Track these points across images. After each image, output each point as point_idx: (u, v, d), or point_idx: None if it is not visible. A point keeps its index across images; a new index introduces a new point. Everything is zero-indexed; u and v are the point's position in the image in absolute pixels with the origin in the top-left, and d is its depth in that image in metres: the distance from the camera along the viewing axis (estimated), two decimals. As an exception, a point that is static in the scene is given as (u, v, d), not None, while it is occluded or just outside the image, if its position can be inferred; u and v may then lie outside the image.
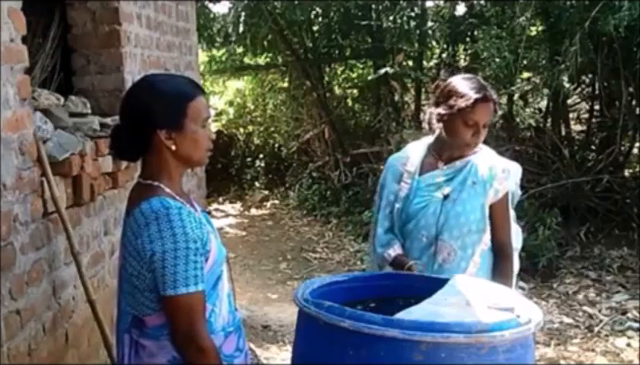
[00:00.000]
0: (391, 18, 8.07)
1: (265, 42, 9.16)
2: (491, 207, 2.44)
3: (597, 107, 6.98)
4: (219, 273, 1.85)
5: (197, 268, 1.72)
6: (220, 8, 9.36)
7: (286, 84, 10.05)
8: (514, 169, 2.54)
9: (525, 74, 6.85)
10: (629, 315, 4.78)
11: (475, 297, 1.95)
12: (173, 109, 1.78)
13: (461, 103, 2.35)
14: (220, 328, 1.84)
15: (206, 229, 1.80)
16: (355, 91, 9.75)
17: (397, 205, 2.50)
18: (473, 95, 2.35)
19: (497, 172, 2.44)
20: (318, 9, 8.61)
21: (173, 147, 1.78)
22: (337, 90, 9.85)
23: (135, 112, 1.80)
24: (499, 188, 2.44)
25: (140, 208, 1.73)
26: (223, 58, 10.03)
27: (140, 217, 1.72)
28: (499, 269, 2.45)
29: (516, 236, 2.59)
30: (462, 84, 2.42)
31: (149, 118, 1.77)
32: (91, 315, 2.69)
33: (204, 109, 1.83)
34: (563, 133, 7.23)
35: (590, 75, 6.80)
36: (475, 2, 7.51)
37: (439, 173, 2.46)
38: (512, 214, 2.55)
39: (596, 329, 4.61)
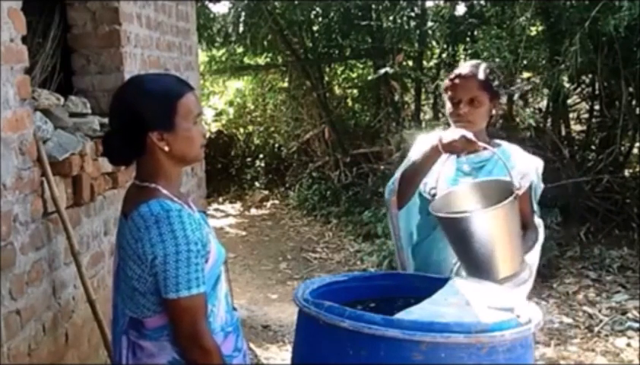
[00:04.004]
0: (391, 18, 8.06)
1: (265, 42, 9.16)
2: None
3: (597, 107, 6.98)
4: (218, 273, 1.85)
5: (198, 270, 1.71)
6: (220, 8, 9.38)
7: (286, 84, 10.05)
8: (537, 164, 2.54)
9: (525, 74, 6.85)
10: (629, 315, 4.78)
11: (475, 297, 1.95)
12: (163, 110, 1.75)
13: (446, 81, 2.47)
14: (219, 328, 1.84)
15: (205, 230, 1.79)
16: (355, 91, 9.75)
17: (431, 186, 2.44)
18: (454, 72, 2.44)
19: (519, 167, 2.43)
20: (318, 9, 8.60)
21: (166, 148, 1.75)
22: (337, 90, 9.85)
23: (124, 116, 1.78)
24: (522, 183, 2.43)
25: (139, 211, 1.71)
26: (223, 58, 10.02)
27: (140, 221, 1.71)
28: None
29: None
30: (459, 66, 2.50)
31: (139, 120, 1.74)
32: (91, 315, 2.69)
33: (194, 106, 1.80)
34: (563, 133, 7.24)
35: (590, 75, 6.79)
36: (475, 2, 7.50)
37: (467, 160, 2.44)
38: (536, 207, 2.55)
39: (596, 329, 4.61)
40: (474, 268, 2.18)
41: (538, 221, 2.54)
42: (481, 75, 2.39)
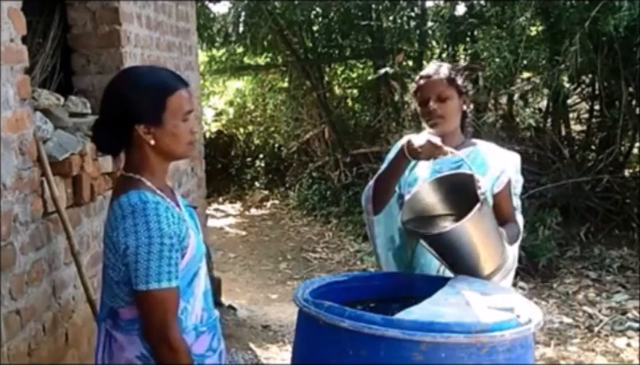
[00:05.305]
0: (391, 18, 8.07)
1: (265, 42, 9.17)
2: (494, 197, 2.42)
3: (597, 107, 6.99)
4: (196, 269, 1.83)
5: (171, 264, 1.70)
6: (220, 8, 9.39)
7: (286, 84, 10.06)
8: (514, 159, 2.54)
9: (525, 74, 6.85)
10: (629, 315, 4.79)
11: (475, 297, 1.95)
12: (152, 104, 1.74)
13: (412, 85, 2.52)
14: (192, 326, 1.82)
15: (185, 225, 1.78)
16: (355, 91, 9.76)
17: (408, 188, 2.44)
18: (419, 74, 2.49)
19: (495, 165, 2.42)
20: (318, 9, 8.61)
21: (152, 142, 1.75)
22: (337, 90, 9.86)
23: (113, 106, 1.78)
24: (501, 179, 2.42)
25: (119, 201, 1.72)
26: (223, 58, 10.03)
27: (118, 210, 1.72)
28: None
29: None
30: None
31: (127, 112, 1.74)
32: (91, 315, 2.69)
33: (185, 103, 1.79)
34: (563, 133, 7.24)
35: (590, 75, 6.80)
36: (475, 2, 7.51)
37: (443, 160, 2.39)
38: (517, 203, 2.55)
39: (596, 329, 4.62)
40: (458, 271, 2.19)
41: (519, 218, 2.53)
42: (445, 72, 2.42)
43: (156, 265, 1.68)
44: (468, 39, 7.58)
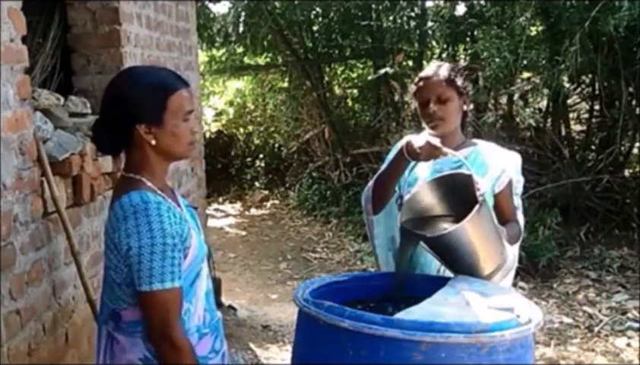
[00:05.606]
0: (391, 18, 8.07)
1: (265, 42, 9.17)
2: (495, 197, 2.42)
3: (597, 107, 6.99)
4: (198, 270, 1.83)
5: (174, 264, 1.69)
6: (220, 8, 9.40)
7: (286, 84, 10.06)
8: (515, 159, 2.53)
9: (525, 74, 6.85)
10: (629, 315, 4.79)
11: (475, 297, 1.95)
12: (153, 104, 1.74)
13: (412, 87, 2.51)
14: (195, 328, 1.82)
15: (187, 225, 1.78)
16: (355, 91, 9.76)
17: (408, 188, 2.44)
18: (419, 75, 2.48)
19: (496, 165, 2.41)
20: (318, 9, 8.61)
21: (153, 142, 1.75)
22: (337, 90, 9.86)
23: (114, 106, 1.78)
24: (501, 179, 2.41)
25: (120, 202, 1.72)
26: (223, 58, 10.03)
27: (119, 211, 1.71)
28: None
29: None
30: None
31: (128, 112, 1.74)
32: (91, 315, 2.69)
33: (186, 103, 1.79)
34: (563, 133, 7.24)
35: (590, 75, 6.80)
36: (475, 2, 7.51)
37: (443, 160, 2.37)
38: (518, 202, 2.54)
39: (596, 329, 4.62)
40: (458, 271, 2.19)
41: (520, 218, 2.53)
42: (444, 73, 2.41)
43: (160, 265, 1.67)
44: (468, 39, 7.58)
